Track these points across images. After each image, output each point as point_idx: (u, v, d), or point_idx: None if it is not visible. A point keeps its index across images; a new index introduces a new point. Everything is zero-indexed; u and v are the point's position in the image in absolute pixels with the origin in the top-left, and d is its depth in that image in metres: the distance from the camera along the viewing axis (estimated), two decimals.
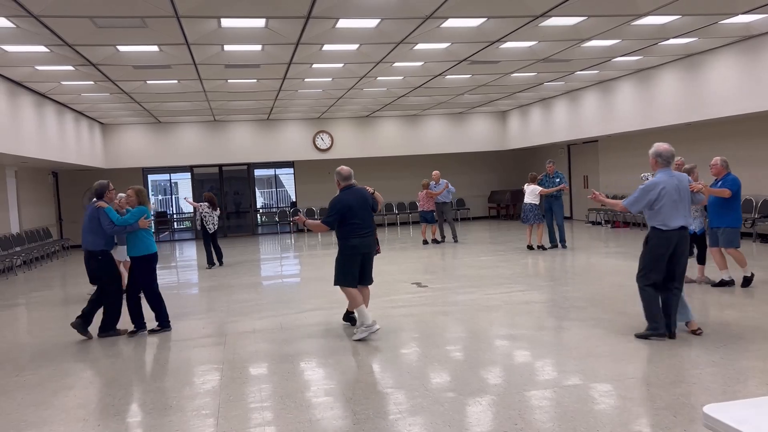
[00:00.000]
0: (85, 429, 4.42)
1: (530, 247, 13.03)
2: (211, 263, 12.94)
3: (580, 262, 11.37)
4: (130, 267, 7.30)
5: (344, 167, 6.74)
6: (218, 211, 13.12)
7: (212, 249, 12.99)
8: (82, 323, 7.12)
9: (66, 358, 6.41)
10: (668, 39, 10.96)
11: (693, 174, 7.80)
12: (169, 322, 7.40)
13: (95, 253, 7.17)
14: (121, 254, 8.59)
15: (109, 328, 7.22)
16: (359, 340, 6.38)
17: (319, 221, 6.65)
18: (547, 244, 13.10)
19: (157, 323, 7.33)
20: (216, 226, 13.02)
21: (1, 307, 9.81)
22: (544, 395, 4.60)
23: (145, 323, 7.32)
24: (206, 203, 12.90)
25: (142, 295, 7.32)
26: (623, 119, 15.13)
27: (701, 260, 8.52)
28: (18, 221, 15.56)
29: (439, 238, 15.39)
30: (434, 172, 15.49)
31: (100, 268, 7.21)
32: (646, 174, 11.52)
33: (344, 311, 7.17)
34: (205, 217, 12.84)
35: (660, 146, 5.84)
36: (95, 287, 7.40)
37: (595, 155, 18.93)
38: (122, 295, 7.36)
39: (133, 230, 7.11)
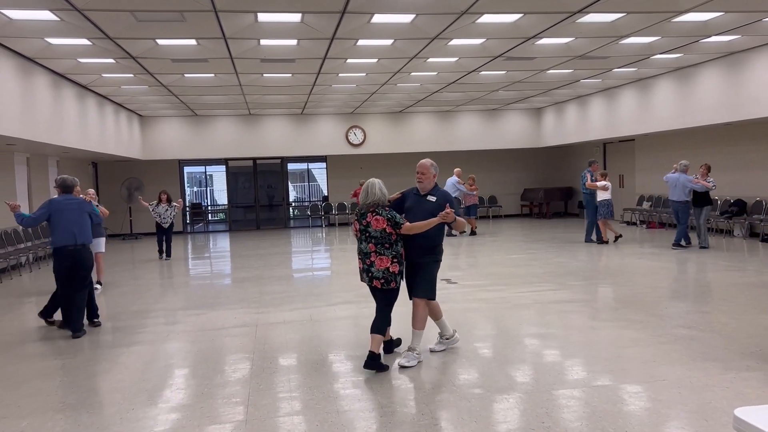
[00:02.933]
0: (120, 412, 4.55)
1: (617, 237, 13.76)
2: (162, 254, 13.89)
3: (614, 262, 11.21)
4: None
5: None
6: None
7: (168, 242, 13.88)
8: (76, 324, 6.97)
9: (101, 344, 6.61)
10: (710, 36, 10.70)
11: None
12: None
13: (88, 246, 7.15)
14: (98, 246, 9.20)
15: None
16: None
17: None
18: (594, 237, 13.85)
19: (95, 318, 7.42)
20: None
21: (47, 291, 10.10)
22: (573, 395, 4.58)
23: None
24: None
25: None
26: (661, 118, 14.83)
27: None
28: None
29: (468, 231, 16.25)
30: (456, 170, 16.59)
31: (89, 261, 7.20)
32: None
33: (384, 341, 5.67)
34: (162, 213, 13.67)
35: None
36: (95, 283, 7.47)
37: (632, 154, 18.61)
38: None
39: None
